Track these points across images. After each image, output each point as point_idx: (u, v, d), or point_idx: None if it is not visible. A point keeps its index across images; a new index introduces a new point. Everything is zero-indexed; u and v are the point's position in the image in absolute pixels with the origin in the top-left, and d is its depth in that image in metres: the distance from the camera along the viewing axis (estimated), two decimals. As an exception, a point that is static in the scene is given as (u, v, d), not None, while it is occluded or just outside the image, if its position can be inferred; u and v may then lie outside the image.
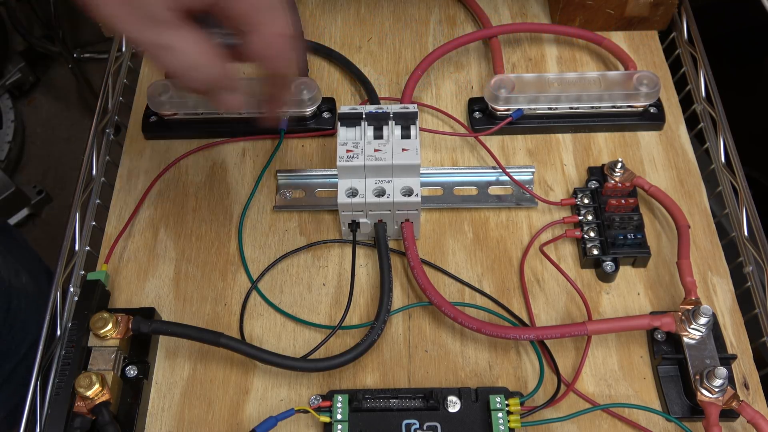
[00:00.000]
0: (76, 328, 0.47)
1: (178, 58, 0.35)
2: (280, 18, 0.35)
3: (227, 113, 0.58)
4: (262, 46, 0.36)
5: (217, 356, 0.49)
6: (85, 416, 0.44)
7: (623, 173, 0.53)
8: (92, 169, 0.57)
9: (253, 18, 0.35)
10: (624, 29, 0.65)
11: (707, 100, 0.60)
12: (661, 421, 0.46)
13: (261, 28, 0.35)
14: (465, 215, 0.55)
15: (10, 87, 1.35)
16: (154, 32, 0.34)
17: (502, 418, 0.44)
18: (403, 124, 0.50)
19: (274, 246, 0.54)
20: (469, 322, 0.47)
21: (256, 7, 0.34)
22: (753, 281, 0.52)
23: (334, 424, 0.44)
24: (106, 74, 0.62)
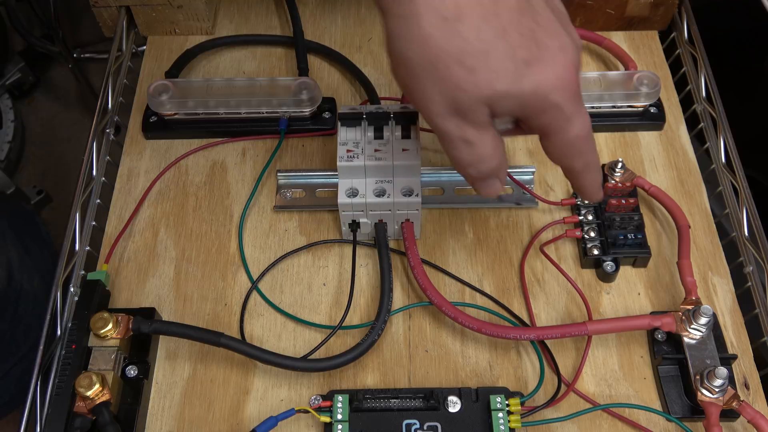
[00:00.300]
0: (76, 328, 0.47)
1: (473, 152, 0.39)
2: (577, 122, 0.38)
3: (227, 113, 0.58)
4: (563, 149, 0.39)
5: (218, 356, 0.49)
6: (85, 416, 0.44)
7: (623, 173, 0.53)
8: (92, 169, 0.57)
9: (552, 128, 0.38)
10: (624, 29, 0.65)
11: (707, 100, 0.60)
12: (661, 421, 0.46)
13: (561, 133, 0.38)
14: (465, 215, 0.55)
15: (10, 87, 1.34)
16: (466, 129, 0.38)
17: (502, 418, 0.44)
18: (404, 124, 0.50)
19: (275, 246, 0.54)
20: (470, 322, 0.47)
21: (557, 117, 0.37)
22: (753, 281, 0.52)
23: (335, 424, 0.44)
24: (106, 74, 0.62)
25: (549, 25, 0.36)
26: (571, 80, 0.37)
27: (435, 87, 0.36)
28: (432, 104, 0.37)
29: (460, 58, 0.35)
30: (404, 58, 0.36)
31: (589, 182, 0.42)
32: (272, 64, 0.65)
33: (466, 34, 0.34)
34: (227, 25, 0.68)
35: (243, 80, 0.59)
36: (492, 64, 0.35)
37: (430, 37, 0.35)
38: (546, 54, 0.36)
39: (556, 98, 0.36)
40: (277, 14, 0.69)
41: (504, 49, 0.35)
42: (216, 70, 0.65)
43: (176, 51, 0.65)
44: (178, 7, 0.64)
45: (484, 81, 0.35)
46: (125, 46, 0.65)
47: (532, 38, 0.35)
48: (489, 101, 0.36)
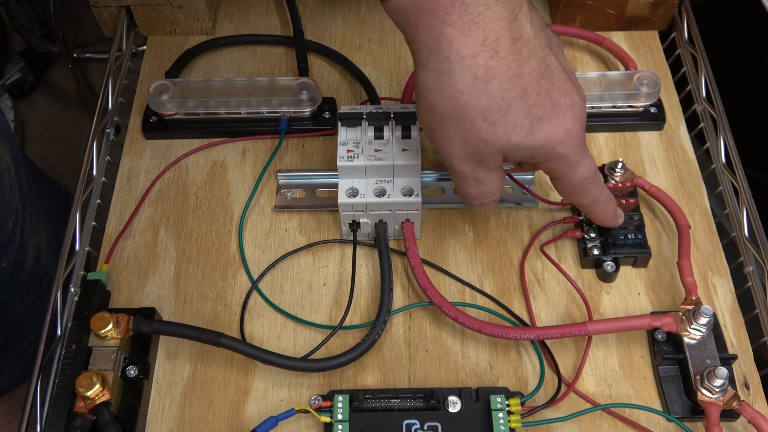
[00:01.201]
0: (76, 328, 0.47)
1: (481, 189, 0.44)
2: (582, 168, 0.43)
3: (227, 113, 0.58)
4: (570, 188, 0.44)
5: (218, 356, 0.49)
6: (85, 416, 0.44)
7: (624, 173, 0.53)
8: (92, 169, 0.57)
9: (560, 173, 0.43)
10: (624, 29, 0.65)
11: (707, 100, 0.60)
12: (661, 421, 0.46)
13: (568, 177, 0.43)
14: (465, 215, 0.55)
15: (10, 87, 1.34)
16: (479, 171, 0.42)
17: (502, 418, 0.44)
18: (404, 124, 0.50)
19: (275, 246, 0.54)
20: (470, 322, 0.47)
21: (563, 165, 0.42)
22: (753, 281, 0.52)
23: (335, 424, 0.44)
24: (106, 74, 0.62)
25: (562, 85, 0.40)
26: (578, 133, 0.41)
27: (458, 135, 0.40)
28: (453, 149, 0.41)
29: (485, 114, 0.39)
30: (433, 108, 0.40)
31: (600, 214, 0.48)
32: (272, 64, 0.65)
33: (492, 94, 0.38)
34: (227, 25, 0.68)
35: (243, 80, 0.59)
36: (510, 120, 0.39)
37: (462, 94, 0.38)
38: (558, 110, 0.40)
39: (563, 149, 0.41)
40: (277, 14, 0.69)
41: (522, 107, 0.39)
42: (216, 70, 0.65)
43: (176, 51, 0.65)
44: (178, 7, 0.64)
45: (503, 134, 0.39)
46: (125, 46, 0.65)
47: (547, 97, 0.40)
48: (504, 151, 0.41)
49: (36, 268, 0.66)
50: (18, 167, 0.62)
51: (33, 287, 0.66)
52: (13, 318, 0.65)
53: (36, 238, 0.66)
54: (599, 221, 0.49)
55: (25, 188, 0.63)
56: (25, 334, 0.68)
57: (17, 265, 0.62)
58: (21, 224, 0.61)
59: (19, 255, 0.62)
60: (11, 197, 0.59)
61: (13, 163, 0.60)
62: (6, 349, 0.67)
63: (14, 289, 0.63)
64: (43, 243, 0.67)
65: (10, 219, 0.59)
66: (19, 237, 0.61)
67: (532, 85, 0.39)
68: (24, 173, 0.63)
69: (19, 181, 0.61)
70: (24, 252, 0.63)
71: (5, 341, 0.66)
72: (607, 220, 0.49)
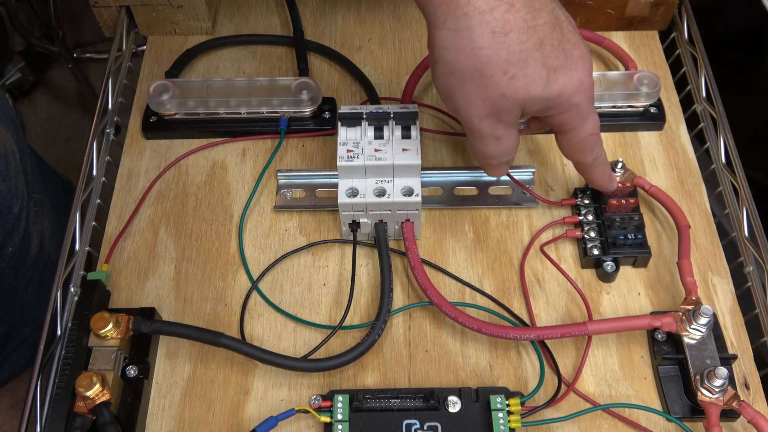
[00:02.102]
0: (76, 328, 0.47)
1: (499, 146, 0.44)
2: (590, 122, 0.45)
3: (227, 113, 0.59)
4: (577, 144, 0.46)
5: (218, 356, 0.49)
6: (85, 416, 0.44)
7: (624, 173, 0.53)
8: (92, 169, 0.57)
9: (570, 125, 0.44)
10: (624, 29, 0.65)
11: (707, 100, 0.60)
12: (661, 421, 0.46)
13: (576, 131, 0.44)
14: (465, 215, 0.55)
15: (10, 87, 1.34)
16: (498, 128, 0.43)
17: (502, 418, 0.44)
18: (404, 124, 0.50)
19: (275, 246, 0.54)
20: (470, 322, 0.47)
21: (575, 116, 0.43)
22: (753, 281, 0.52)
23: (335, 424, 0.44)
24: (106, 74, 0.62)
25: (572, 37, 0.42)
26: (590, 84, 0.43)
27: (478, 92, 0.41)
28: (473, 107, 0.42)
29: (504, 68, 0.39)
30: (452, 68, 0.40)
31: (599, 174, 0.49)
32: (272, 64, 0.65)
33: (511, 47, 0.39)
34: (227, 25, 0.68)
35: (243, 80, 0.59)
36: (529, 72, 0.40)
37: (481, 49, 0.39)
38: (570, 61, 0.41)
39: (577, 99, 0.42)
40: (277, 14, 0.69)
41: (539, 58, 0.40)
42: (216, 70, 0.65)
43: (176, 51, 0.65)
44: (178, 7, 0.64)
45: (522, 87, 0.40)
46: (125, 46, 0.65)
47: (560, 48, 0.41)
48: (523, 104, 0.41)
49: (40, 255, 0.66)
50: (23, 154, 0.62)
51: (37, 274, 0.66)
52: (17, 304, 0.65)
53: (40, 225, 0.66)
54: (596, 182, 0.50)
55: (30, 175, 0.64)
56: (29, 321, 0.68)
57: (22, 250, 0.63)
58: (26, 210, 0.61)
59: (24, 241, 0.62)
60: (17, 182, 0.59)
61: (18, 149, 0.61)
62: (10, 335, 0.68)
63: (19, 275, 0.64)
64: (47, 230, 0.68)
65: (16, 204, 0.59)
66: (25, 222, 0.61)
67: (546, 36, 0.40)
68: (28, 160, 0.64)
69: (24, 168, 0.62)
70: (29, 238, 0.63)
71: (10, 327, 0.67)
72: (604, 181, 0.50)
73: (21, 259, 0.63)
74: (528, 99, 0.41)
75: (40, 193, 0.67)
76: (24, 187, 0.61)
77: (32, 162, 0.65)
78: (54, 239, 0.69)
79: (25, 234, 0.62)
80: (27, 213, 0.62)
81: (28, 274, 0.65)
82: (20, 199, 0.60)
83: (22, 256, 0.63)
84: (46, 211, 0.69)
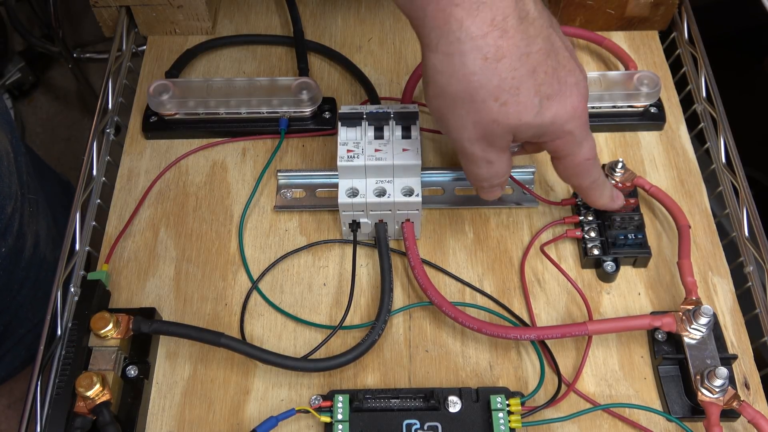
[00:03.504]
0: (76, 328, 0.47)
1: (491, 170, 0.44)
2: (585, 147, 0.44)
3: (227, 113, 0.58)
4: (573, 169, 0.45)
5: (218, 356, 0.49)
6: (85, 416, 0.44)
7: (624, 173, 0.53)
8: (92, 169, 0.57)
9: (564, 152, 0.44)
10: (624, 29, 0.65)
11: (708, 100, 0.60)
12: (661, 421, 0.46)
13: (572, 157, 0.44)
14: (465, 215, 0.55)
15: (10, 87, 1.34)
16: (489, 152, 0.43)
17: (502, 418, 0.44)
18: (404, 124, 0.50)
19: (275, 246, 0.54)
20: (470, 322, 0.47)
21: (569, 143, 0.43)
22: (753, 281, 0.52)
23: (335, 424, 0.44)
24: (106, 74, 0.62)
25: (567, 64, 0.41)
26: (583, 110, 0.42)
27: (469, 117, 0.40)
28: (464, 131, 0.42)
29: (496, 94, 0.39)
30: (443, 91, 0.40)
31: (597, 196, 0.49)
32: (272, 64, 0.65)
33: (503, 74, 0.39)
34: (227, 25, 0.68)
35: (243, 80, 0.59)
36: (521, 99, 0.39)
37: (473, 75, 0.39)
38: (564, 88, 0.41)
39: (570, 127, 0.42)
40: (277, 14, 0.69)
41: (532, 86, 0.39)
42: (216, 70, 0.65)
43: (176, 51, 0.65)
44: (178, 7, 0.64)
45: (514, 114, 0.40)
46: (125, 46, 0.65)
47: (554, 76, 0.40)
48: (514, 130, 0.41)
49: (35, 255, 0.66)
50: (17, 154, 0.62)
51: (32, 274, 0.66)
52: (11, 304, 0.65)
53: (35, 226, 0.66)
54: (597, 203, 0.50)
55: (25, 175, 0.63)
56: (24, 321, 0.68)
57: (16, 250, 0.62)
58: (20, 210, 0.61)
59: (18, 241, 0.62)
60: (10, 183, 0.59)
61: (12, 149, 0.60)
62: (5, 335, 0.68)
63: (13, 276, 0.64)
64: (42, 230, 0.68)
65: (8, 204, 0.59)
66: (18, 223, 0.61)
67: (540, 63, 0.39)
68: (23, 160, 0.63)
69: (18, 168, 0.62)
70: (23, 238, 0.63)
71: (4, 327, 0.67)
72: (604, 203, 0.50)
73: (15, 259, 0.63)
74: (520, 125, 0.40)
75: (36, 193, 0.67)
76: (17, 188, 0.61)
77: (28, 162, 0.65)
78: (50, 240, 0.69)
79: (18, 234, 0.62)
80: (21, 213, 0.62)
81: (23, 274, 0.65)
82: (13, 200, 0.60)
83: (15, 256, 0.63)
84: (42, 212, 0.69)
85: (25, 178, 0.64)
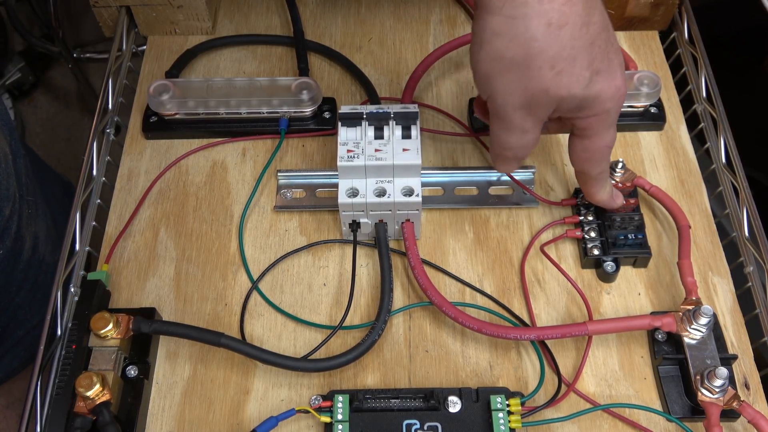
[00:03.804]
0: (76, 328, 0.47)
1: (523, 139, 0.44)
2: (611, 133, 0.44)
3: (227, 113, 0.58)
4: (591, 152, 0.46)
5: (218, 356, 0.49)
6: (85, 416, 0.44)
7: (624, 173, 0.53)
8: (92, 169, 0.57)
9: (593, 131, 0.44)
10: (624, 29, 0.65)
11: (708, 100, 0.60)
12: (661, 421, 0.46)
13: (596, 137, 0.44)
14: (465, 215, 0.55)
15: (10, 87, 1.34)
16: (527, 120, 0.42)
17: (502, 418, 0.44)
18: (404, 124, 0.50)
19: (275, 246, 0.54)
20: (470, 322, 0.47)
21: (602, 121, 0.43)
22: (754, 281, 0.51)
23: (335, 424, 0.44)
24: (106, 74, 0.62)
25: (615, 44, 0.42)
26: (624, 93, 0.42)
27: (521, 83, 0.40)
28: (511, 96, 0.41)
29: (553, 62, 0.39)
30: (500, 55, 0.40)
31: (598, 189, 0.49)
32: (272, 64, 0.65)
33: (563, 41, 0.39)
34: (227, 25, 0.68)
35: (243, 80, 0.59)
36: (575, 71, 0.39)
37: (535, 41, 0.38)
38: (612, 67, 0.41)
39: (609, 106, 0.42)
40: (277, 14, 0.69)
41: (587, 58, 0.39)
42: (216, 70, 0.65)
43: (176, 51, 0.65)
44: (178, 7, 0.64)
45: (566, 84, 0.40)
46: (125, 46, 0.65)
47: (606, 52, 0.40)
48: (560, 101, 0.41)
49: (33, 258, 0.66)
50: (16, 156, 0.62)
51: (30, 276, 0.66)
52: (10, 306, 0.65)
53: (34, 227, 0.66)
54: (595, 197, 0.50)
55: (23, 177, 0.63)
56: (22, 323, 0.68)
57: (14, 252, 0.62)
58: (18, 212, 0.61)
59: (16, 243, 0.62)
60: (8, 185, 0.59)
61: (11, 151, 0.60)
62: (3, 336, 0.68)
63: (11, 278, 0.64)
64: (41, 232, 0.68)
65: (6, 206, 0.59)
66: (16, 225, 0.61)
67: (596, 36, 0.39)
68: (23, 162, 0.63)
69: (17, 170, 0.62)
70: (21, 240, 0.63)
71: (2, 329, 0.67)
72: (603, 197, 0.50)
73: (13, 261, 0.63)
74: (568, 96, 0.40)
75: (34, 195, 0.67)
76: (16, 189, 0.61)
77: (27, 164, 0.65)
78: (49, 241, 0.69)
79: (17, 236, 0.62)
80: (19, 215, 0.62)
81: (21, 276, 0.65)
82: (11, 202, 0.60)
83: (14, 258, 0.63)
84: (41, 213, 0.69)
85: (24, 180, 0.64)
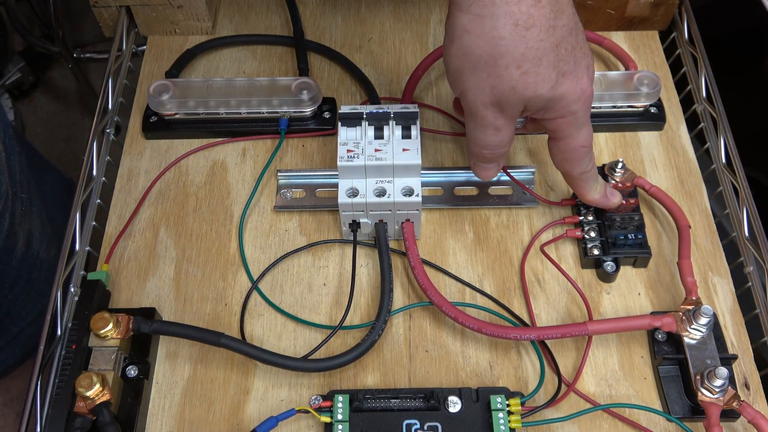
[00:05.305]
0: (76, 328, 0.47)
1: (496, 136, 0.45)
2: (584, 133, 0.45)
3: (227, 113, 0.58)
4: (567, 153, 0.46)
5: (218, 356, 0.49)
6: (85, 416, 0.44)
7: (624, 173, 0.53)
8: (92, 169, 0.57)
9: (564, 132, 0.45)
10: (624, 29, 0.65)
11: (708, 100, 0.60)
12: (661, 422, 0.46)
13: (569, 139, 0.45)
14: (465, 215, 0.55)
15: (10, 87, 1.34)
16: (499, 118, 0.43)
17: (502, 418, 0.44)
18: (404, 124, 0.50)
19: (275, 246, 0.54)
20: (470, 322, 0.47)
21: (570, 123, 0.44)
22: (753, 281, 0.52)
23: (335, 424, 0.44)
24: (106, 74, 0.62)
25: (583, 45, 0.42)
26: (590, 95, 0.43)
27: (489, 81, 0.41)
28: (481, 94, 0.42)
29: (519, 62, 0.40)
30: (468, 52, 0.41)
31: (585, 190, 0.49)
32: (272, 64, 0.65)
33: (530, 42, 0.40)
34: (227, 25, 0.68)
35: (243, 80, 0.59)
36: (541, 71, 0.40)
37: (501, 39, 0.39)
38: (578, 68, 0.42)
39: (576, 107, 0.43)
40: (277, 14, 0.69)
41: (553, 59, 0.40)
42: (216, 70, 0.65)
43: (176, 51, 0.65)
44: (178, 7, 0.64)
45: (532, 84, 0.41)
46: (125, 46, 0.65)
47: (572, 54, 0.41)
48: (528, 101, 0.42)
49: (27, 254, 0.66)
50: (10, 153, 0.62)
51: (24, 273, 0.66)
52: (3, 302, 0.66)
53: (27, 224, 0.66)
54: (586, 197, 0.50)
55: (18, 174, 0.63)
56: (17, 319, 0.68)
57: (6, 249, 0.63)
58: (11, 210, 0.61)
59: (8, 240, 0.62)
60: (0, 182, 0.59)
61: (4, 149, 0.60)
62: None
63: (4, 274, 0.64)
64: (35, 229, 0.68)
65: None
66: (9, 222, 0.61)
67: (563, 39, 0.40)
68: (17, 159, 0.63)
69: (11, 167, 0.62)
70: (14, 237, 0.63)
71: None
72: (593, 197, 0.50)
73: (5, 258, 0.63)
74: (534, 97, 0.41)
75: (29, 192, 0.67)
76: (8, 187, 0.61)
77: (23, 161, 0.65)
78: (44, 238, 0.69)
79: (9, 233, 0.62)
80: (12, 212, 0.62)
81: (15, 273, 0.65)
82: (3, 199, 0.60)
83: (6, 255, 0.63)
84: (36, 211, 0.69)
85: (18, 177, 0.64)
